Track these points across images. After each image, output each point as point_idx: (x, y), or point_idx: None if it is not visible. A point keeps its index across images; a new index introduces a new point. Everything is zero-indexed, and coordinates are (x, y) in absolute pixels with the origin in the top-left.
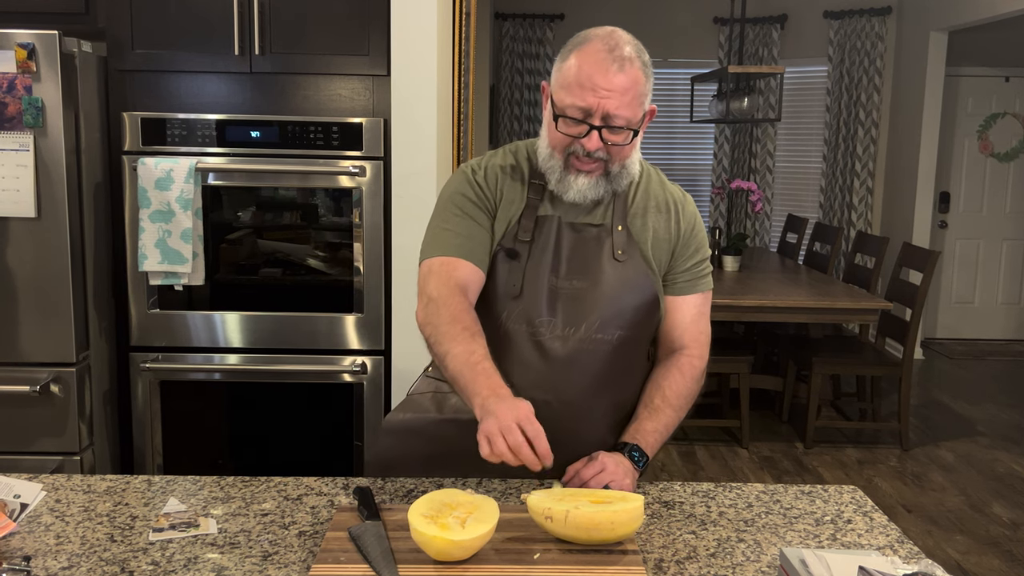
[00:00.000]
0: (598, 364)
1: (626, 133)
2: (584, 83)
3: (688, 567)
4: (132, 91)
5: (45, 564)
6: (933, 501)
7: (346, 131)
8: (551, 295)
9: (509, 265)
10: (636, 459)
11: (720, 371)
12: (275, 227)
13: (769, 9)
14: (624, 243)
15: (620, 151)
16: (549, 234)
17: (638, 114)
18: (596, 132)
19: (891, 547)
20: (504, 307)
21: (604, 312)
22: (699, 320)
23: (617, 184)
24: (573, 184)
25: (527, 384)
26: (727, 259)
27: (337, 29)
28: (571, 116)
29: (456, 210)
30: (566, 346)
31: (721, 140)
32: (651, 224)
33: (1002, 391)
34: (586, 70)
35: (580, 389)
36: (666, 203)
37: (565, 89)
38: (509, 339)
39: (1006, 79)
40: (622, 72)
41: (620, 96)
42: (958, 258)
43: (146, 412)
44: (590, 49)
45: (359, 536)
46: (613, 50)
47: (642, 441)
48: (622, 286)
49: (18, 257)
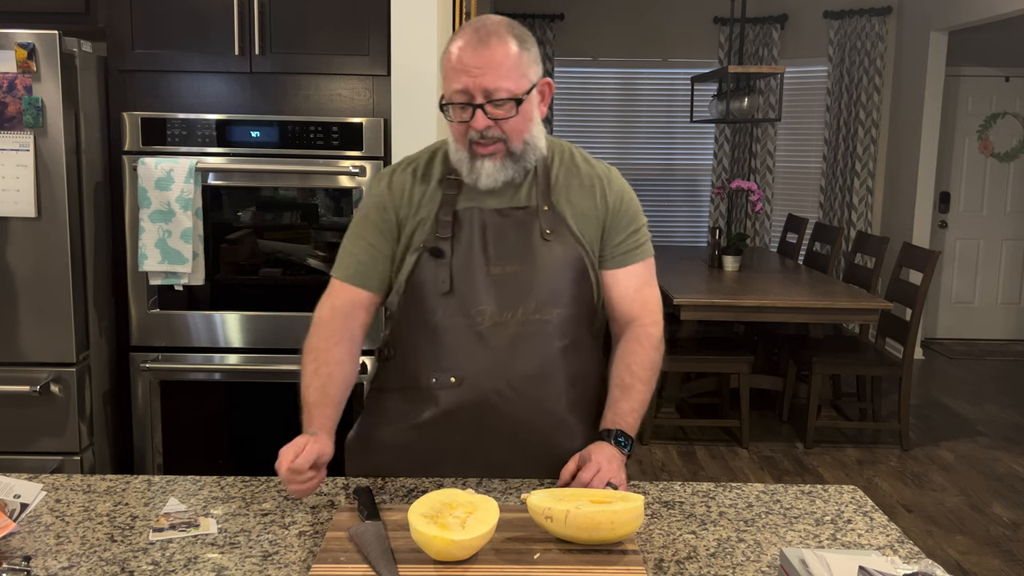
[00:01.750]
0: (542, 344)
1: (510, 105)
2: (457, 67)
3: (688, 567)
4: (132, 91)
5: (45, 564)
6: (933, 501)
7: (346, 131)
8: (485, 284)
9: (435, 263)
10: (623, 444)
11: (720, 371)
12: (275, 227)
13: (769, 9)
14: (551, 222)
15: (514, 126)
16: (472, 225)
17: (521, 85)
18: (480, 111)
19: (891, 547)
20: (438, 305)
21: (540, 292)
22: (643, 288)
23: (525, 161)
24: (481, 170)
25: (473, 375)
26: (727, 259)
27: (337, 29)
28: (456, 103)
29: (359, 229)
30: (506, 331)
31: (721, 140)
32: (575, 201)
33: (1002, 391)
34: (456, 55)
35: (528, 372)
36: (590, 179)
37: (445, 80)
38: (447, 334)
39: (1006, 79)
40: (489, 48)
41: (494, 70)
42: (958, 258)
43: (146, 412)
44: (459, 37)
45: (359, 536)
46: (479, 30)
47: (622, 423)
48: (554, 264)
49: (18, 257)
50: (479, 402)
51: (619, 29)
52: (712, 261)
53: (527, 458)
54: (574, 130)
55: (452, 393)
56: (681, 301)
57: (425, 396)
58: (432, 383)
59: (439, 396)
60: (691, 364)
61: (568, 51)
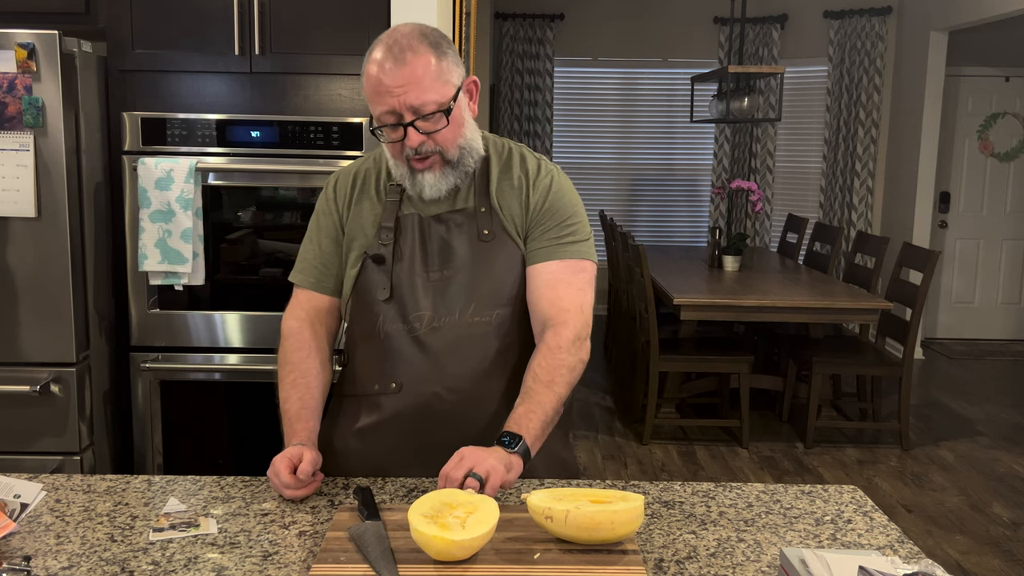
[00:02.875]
0: (481, 347)
1: (439, 116)
2: (379, 89)
3: (688, 567)
4: (132, 91)
5: (45, 564)
6: (933, 501)
7: (346, 131)
8: (424, 289)
9: (377, 270)
10: (506, 443)
11: (720, 371)
12: (275, 227)
13: (769, 9)
14: (488, 222)
15: (446, 136)
16: (412, 232)
17: (446, 93)
18: (411, 128)
19: (891, 547)
20: (380, 310)
21: (478, 294)
22: (557, 287)
23: (464, 166)
24: (424, 183)
25: (412, 380)
26: (727, 259)
27: (337, 29)
28: (386, 123)
29: (312, 234)
30: (443, 335)
31: (721, 140)
32: (507, 201)
33: (1002, 391)
34: (374, 77)
35: (466, 375)
36: (519, 177)
37: (370, 102)
38: (389, 340)
39: (1006, 79)
40: (407, 64)
41: (416, 85)
42: (958, 258)
43: (146, 412)
44: (373, 57)
45: (359, 536)
46: (392, 48)
47: (512, 424)
48: (492, 265)
49: (18, 257)
50: (419, 407)
51: (619, 29)
52: (712, 261)
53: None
54: (574, 130)
55: (393, 399)
56: (681, 301)
57: (371, 403)
58: (375, 389)
59: (382, 402)
60: (691, 364)
61: (568, 51)
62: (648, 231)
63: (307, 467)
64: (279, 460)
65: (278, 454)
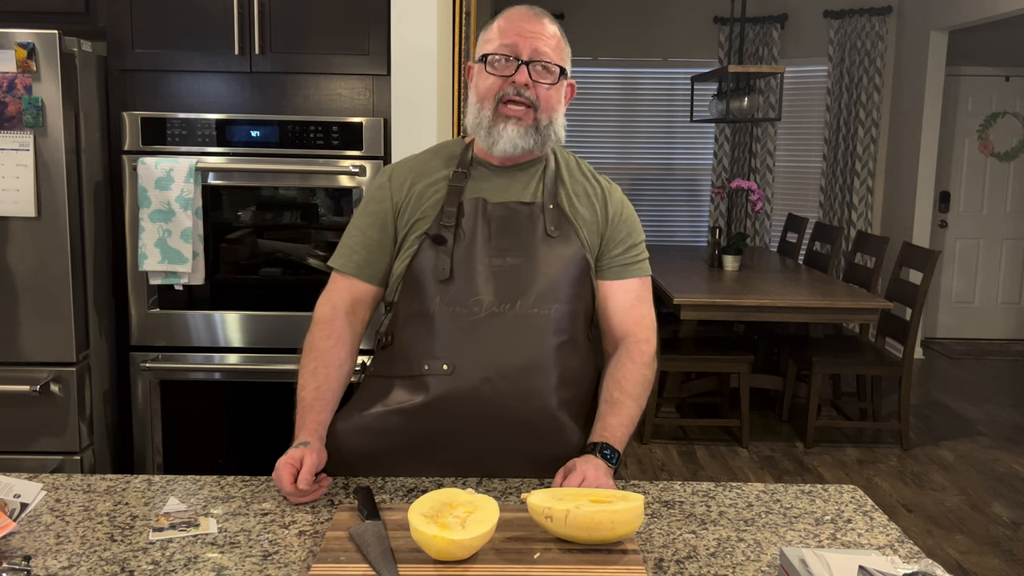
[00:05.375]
0: (537, 338)
1: (554, 74)
2: (509, 29)
3: (688, 567)
4: (132, 91)
5: (45, 564)
6: (933, 501)
7: (346, 131)
8: (484, 274)
9: (436, 251)
10: (608, 457)
11: (720, 371)
12: (275, 227)
13: (769, 9)
14: (556, 220)
15: (548, 98)
16: (476, 216)
17: (564, 62)
18: (525, 67)
19: (891, 547)
20: (436, 292)
21: (539, 286)
22: (638, 305)
23: (546, 137)
24: (503, 133)
25: (466, 364)
26: (727, 259)
27: (337, 29)
28: (500, 54)
29: (359, 222)
30: (502, 323)
31: (721, 140)
32: (578, 207)
33: (1002, 391)
34: (511, 18)
35: (521, 364)
36: (592, 188)
37: (488, 42)
38: (444, 322)
39: (1006, 79)
40: (542, 22)
41: (546, 39)
42: (958, 258)
43: (146, 412)
44: (511, 10)
45: (359, 536)
46: (531, 8)
47: (610, 437)
48: (556, 260)
49: (18, 257)
50: (469, 391)
51: (619, 29)
52: (712, 261)
53: (514, 452)
54: (574, 129)
55: (443, 381)
56: (681, 301)
57: (417, 383)
58: (424, 370)
59: (430, 383)
60: (691, 364)
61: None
62: (648, 230)
63: (306, 475)
64: (282, 466)
65: (281, 456)
